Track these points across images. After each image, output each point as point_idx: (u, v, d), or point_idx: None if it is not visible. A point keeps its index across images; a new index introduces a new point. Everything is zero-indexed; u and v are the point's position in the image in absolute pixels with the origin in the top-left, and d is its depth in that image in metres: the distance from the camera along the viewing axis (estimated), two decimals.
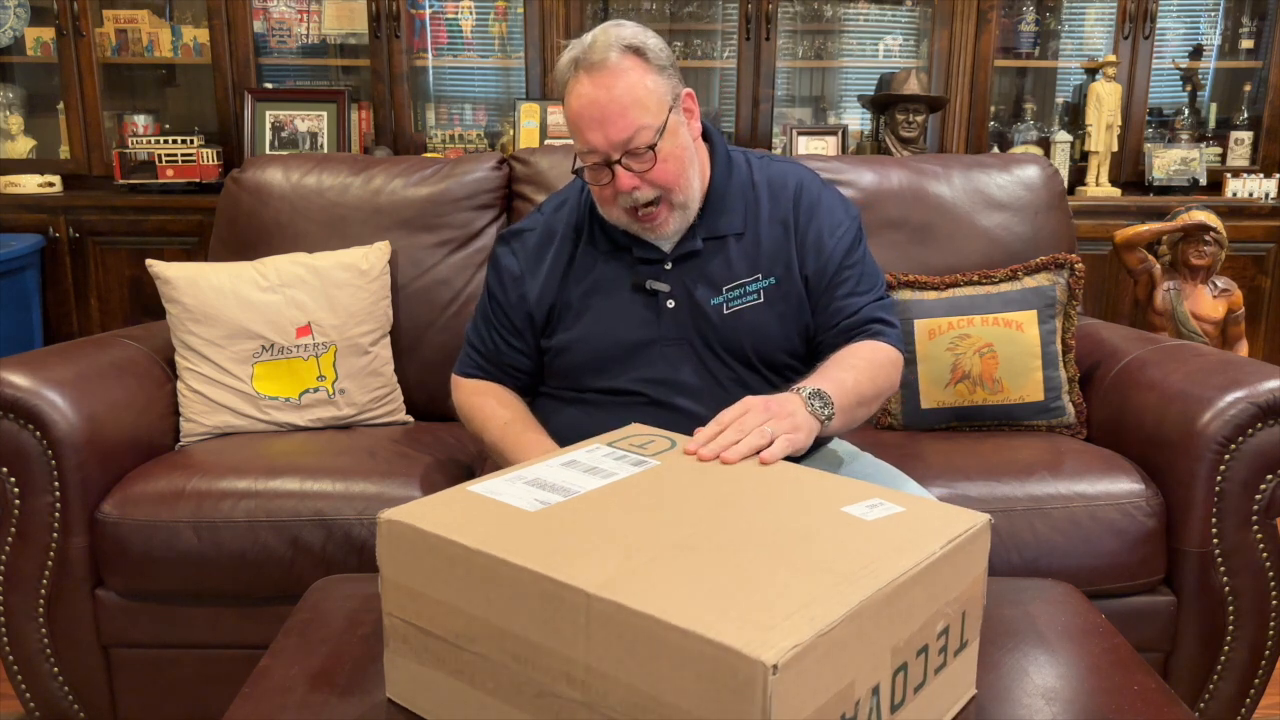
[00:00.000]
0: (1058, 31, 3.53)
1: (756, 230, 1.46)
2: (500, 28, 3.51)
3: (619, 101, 1.32)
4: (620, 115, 1.32)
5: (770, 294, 1.44)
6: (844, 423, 1.33)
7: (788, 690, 0.69)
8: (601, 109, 1.32)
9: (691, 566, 0.82)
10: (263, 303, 1.90)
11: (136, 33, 3.36)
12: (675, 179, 1.37)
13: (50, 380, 1.63)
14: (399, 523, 0.90)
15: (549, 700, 0.81)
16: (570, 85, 1.35)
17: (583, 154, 1.37)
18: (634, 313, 1.45)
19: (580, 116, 1.34)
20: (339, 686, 0.99)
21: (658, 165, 1.35)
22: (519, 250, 1.53)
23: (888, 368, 1.44)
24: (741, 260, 1.45)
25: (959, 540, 0.89)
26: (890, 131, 3.25)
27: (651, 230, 1.40)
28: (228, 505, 1.60)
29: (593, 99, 1.32)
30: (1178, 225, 2.63)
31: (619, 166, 1.34)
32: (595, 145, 1.33)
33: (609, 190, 1.37)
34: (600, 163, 1.35)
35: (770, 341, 1.45)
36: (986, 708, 0.97)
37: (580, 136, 1.35)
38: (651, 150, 1.34)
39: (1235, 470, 1.60)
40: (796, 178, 1.51)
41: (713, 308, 1.44)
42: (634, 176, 1.34)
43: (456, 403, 1.59)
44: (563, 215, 1.53)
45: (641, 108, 1.33)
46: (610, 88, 1.32)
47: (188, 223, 3.10)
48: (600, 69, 1.32)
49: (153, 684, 1.68)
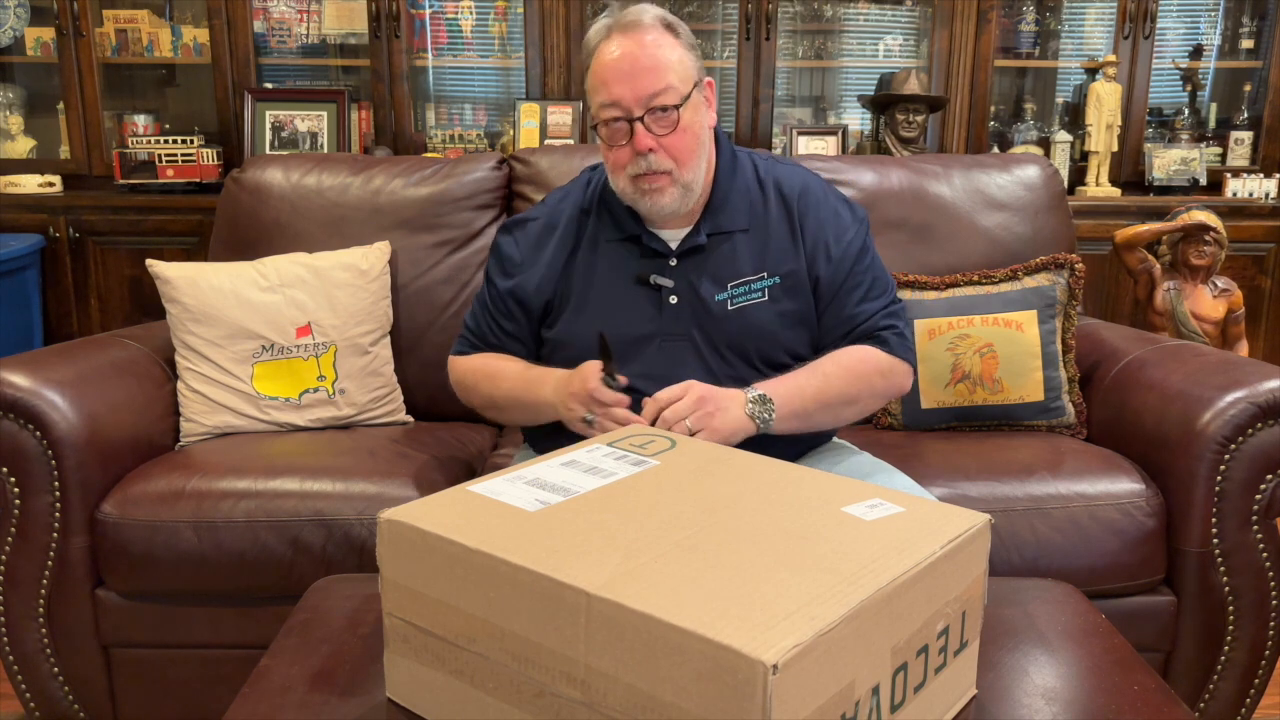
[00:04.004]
0: (1058, 31, 3.53)
1: (763, 228, 1.47)
2: (500, 28, 3.51)
3: (651, 57, 1.35)
4: (651, 70, 1.35)
5: (774, 293, 1.45)
6: (801, 425, 1.40)
7: (788, 690, 0.69)
8: (633, 62, 1.35)
9: (691, 566, 0.82)
10: (263, 303, 1.90)
11: (136, 33, 3.35)
12: (688, 155, 1.39)
13: (50, 380, 1.63)
14: (399, 523, 0.90)
15: (549, 700, 0.81)
16: (601, 46, 1.38)
17: (604, 109, 1.37)
18: (636, 306, 1.45)
19: (609, 70, 1.36)
20: (339, 686, 0.99)
21: (676, 133, 1.37)
22: (520, 239, 1.53)
23: (872, 376, 1.45)
24: (747, 257, 1.45)
25: (959, 540, 0.89)
26: (890, 131, 3.25)
27: (649, 197, 1.40)
28: (228, 505, 1.60)
29: (625, 52, 1.35)
30: (1178, 225, 2.63)
31: (639, 124, 1.35)
32: (620, 98, 1.35)
33: (623, 152, 1.38)
34: (621, 118, 1.36)
35: (771, 339, 1.45)
36: (986, 708, 0.97)
37: (605, 90, 1.36)
38: (676, 111, 1.36)
39: (1235, 470, 1.60)
40: (802, 180, 1.52)
41: (717, 303, 1.44)
42: (652, 138, 1.36)
43: (455, 379, 1.59)
44: (566, 207, 1.53)
45: (671, 70, 1.36)
46: (643, 44, 1.36)
47: (188, 223, 3.10)
48: (635, 29, 1.37)
49: (153, 684, 1.68)
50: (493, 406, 1.53)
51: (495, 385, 1.50)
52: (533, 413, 1.47)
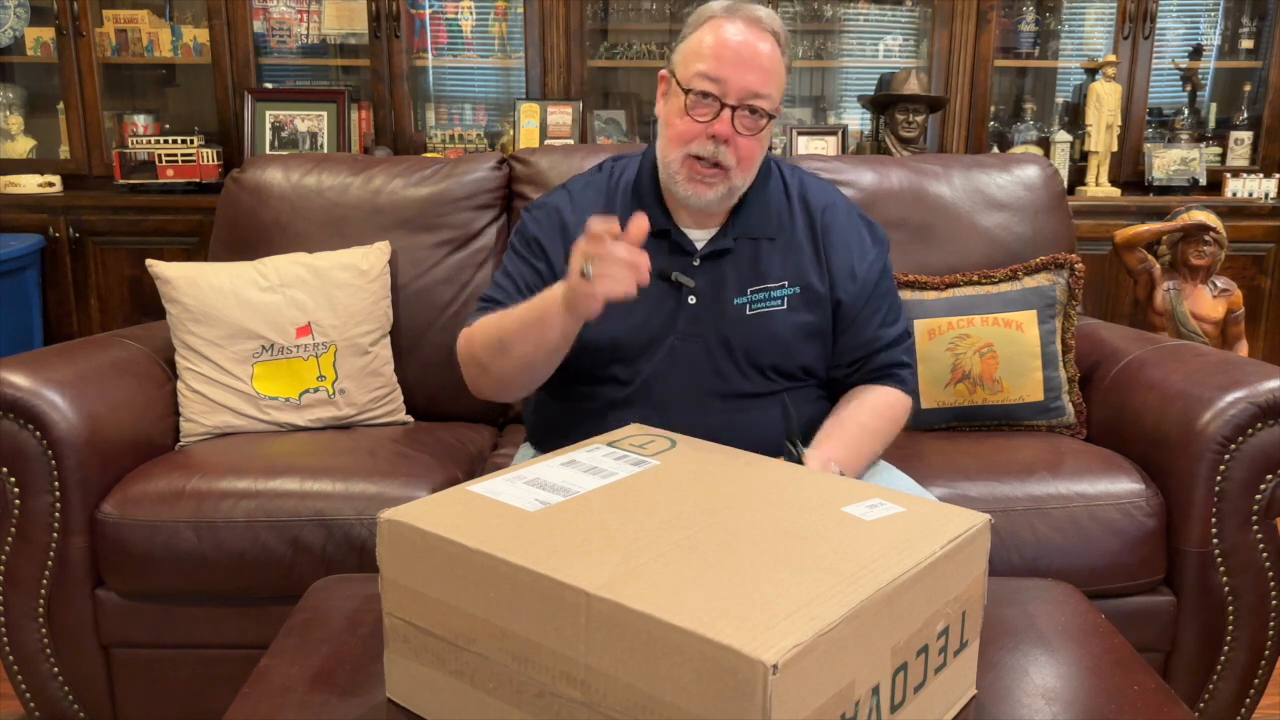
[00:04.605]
0: (1058, 31, 3.53)
1: (788, 238, 1.46)
2: (500, 28, 3.51)
3: (769, 59, 1.35)
4: (763, 71, 1.34)
5: (793, 302, 1.44)
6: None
7: (788, 690, 0.69)
8: (753, 54, 1.34)
9: (691, 566, 0.82)
10: (263, 303, 1.90)
11: (136, 33, 3.35)
12: (750, 163, 1.39)
13: (50, 380, 1.63)
14: (399, 523, 0.90)
15: (549, 700, 0.81)
16: (719, 22, 1.36)
17: (702, 79, 1.34)
18: (653, 302, 1.41)
19: (726, 47, 1.34)
20: (339, 686, 0.99)
21: (755, 139, 1.36)
22: (543, 220, 1.50)
23: (900, 422, 1.50)
24: (771, 264, 1.44)
25: (959, 540, 0.89)
26: (890, 131, 3.25)
27: (696, 185, 1.37)
28: (228, 505, 1.60)
29: (747, 41, 1.34)
30: (1178, 225, 2.63)
31: (727, 112, 1.34)
32: (726, 78, 1.33)
33: (696, 128, 1.35)
34: (715, 96, 1.34)
35: (785, 349, 1.43)
36: (986, 708, 0.97)
37: (714, 63, 1.33)
38: (766, 120, 1.36)
39: (1235, 470, 1.60)
40: (828, 197, 1.52)
41: (735, 307, 1.42)
42: (731, 131, 1.34)
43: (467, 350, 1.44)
44: (590, 195, 1.50)
45: (774, 82, 1.36)
46: (764, 46, 1.35)
47: (188, 223, 3.10)
48: (758, 27, 1.35)
49: (153, 684, 1.68)
50: (498, 346, 1.37)
51: (504, 318, 1.39)
52: (541, 323, 1.31)
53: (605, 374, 1.43)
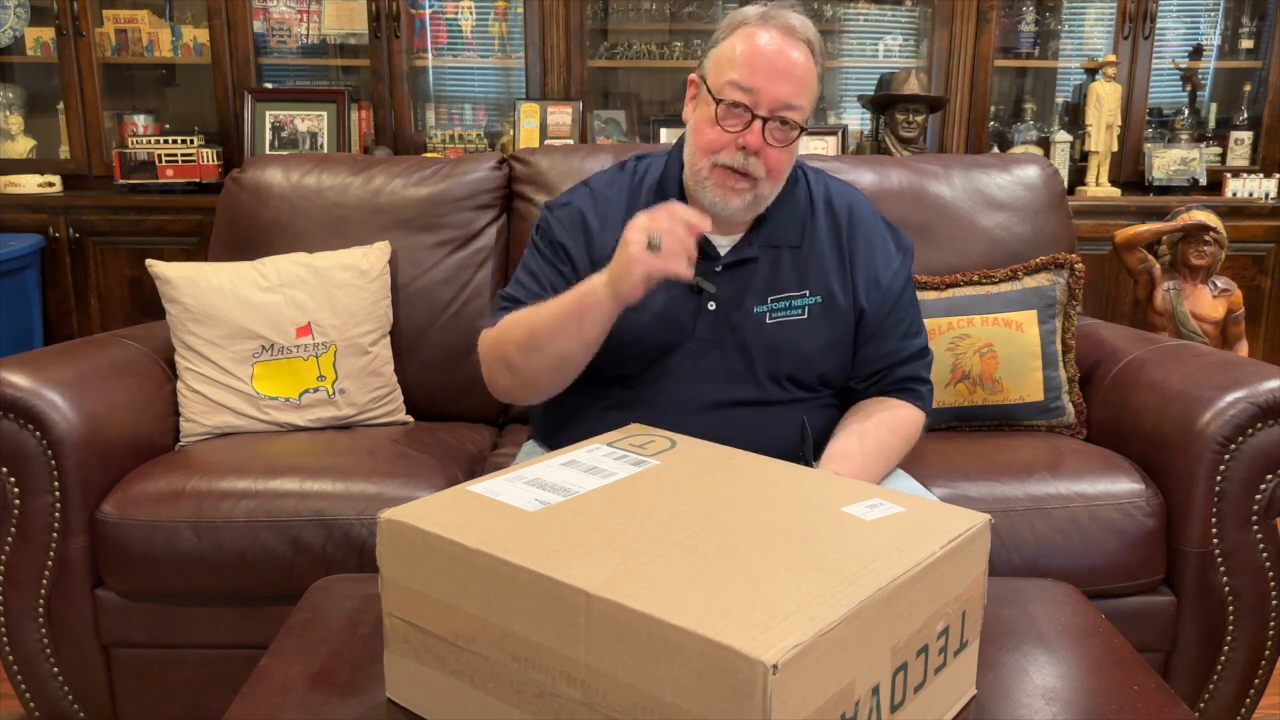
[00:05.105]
0: (1058, 31, 3.53)
1: (812, 246, 1.44)
2: (500, 28, 3.51)
3: (802, 68, 1.33)
4: (796, 81, 1.32)
5: (813, 311, 1.42)
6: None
7: (788, 690, 0.69)
8: (787, 64, 1.32)
9: (691, 566, 0.82)
10: (263, 303, 1.90)
11: (136, 33, 3.36)
12: (779, 174, 1.37)
13: (50, 380, 1.63)
14: (399, 523, 0.90)
15: (549, 700, 0.81)
16: (753, 29, 1.33)
17: (733, 88, 1.32)
18: (672, 307, 1.40)
19: (759, 55, 1.31)
20: (339, 686, 0.99)
21: (785, 150, 1.35)
22: (565, 221, 1.48)
23: (914, 440, 1.47)
24: (792, 273, 1.43)
25: (959, 540, 0.89)
26: (890, 131, 3.24)
27: (723, 194, 1.35)
28: (228, 505, 1.60)
29: (780, 50, 1.32)
30: (1178, 225, 2.63)
31: (758, 123, 1.32)
32: (759, 88, 1.31)
33: (725, 137, 1.33)
34: (747, 106, 1.32)
35: (804, 360, 1.42)
36: (986, 708, 0.97)
37: (747, 72, 1.31)
38: (798, 131, 1.34)
39: (1235, 470, 1.60)
40: (851, 201, 1.50)
41: (755, 315, 1.40)
42: (761, 142, 1.32)
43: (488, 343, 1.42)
44: (613, 194, 1.48)
45: (806, 93, 1.34)
46: (797, 55, 1.33)
47: (188, 223, 3.10)
48: (792, 36, 1.33)
49: (153, 684, 1.68)
50: (530, 343, 1.35)
51: (534, 314, 1.37)
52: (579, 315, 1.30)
53: (619, 374, 1.42)
